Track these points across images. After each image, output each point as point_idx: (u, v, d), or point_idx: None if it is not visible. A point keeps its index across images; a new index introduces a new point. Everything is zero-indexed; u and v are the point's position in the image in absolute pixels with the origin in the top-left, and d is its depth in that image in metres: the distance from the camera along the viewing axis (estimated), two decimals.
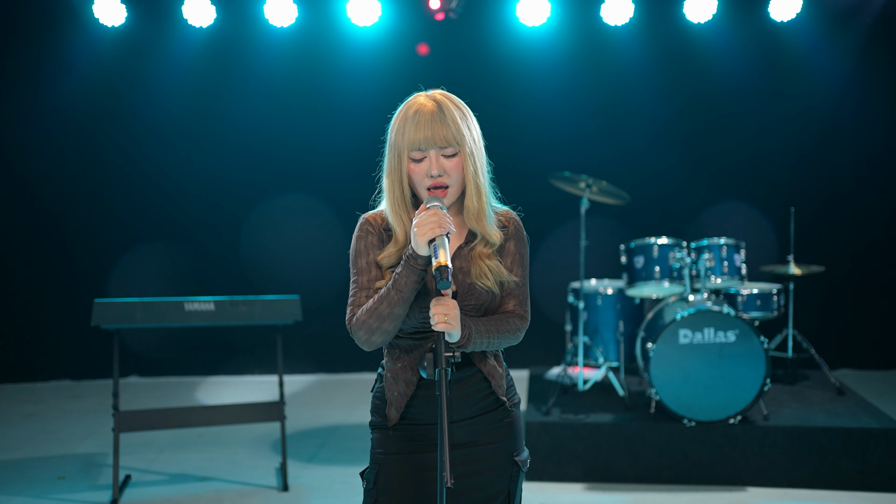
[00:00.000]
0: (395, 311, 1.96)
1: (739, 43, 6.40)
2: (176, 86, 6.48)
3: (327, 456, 4.81)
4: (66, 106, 6.46)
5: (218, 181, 6.61)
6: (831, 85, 6.44)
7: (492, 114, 2.09)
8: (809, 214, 6.05)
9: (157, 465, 4.67)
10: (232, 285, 6.31)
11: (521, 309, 2.14)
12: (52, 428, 5.41)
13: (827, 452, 4.29)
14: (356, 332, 2.01)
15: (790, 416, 4.51)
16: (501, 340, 2.07)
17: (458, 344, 1.97)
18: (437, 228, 1.88)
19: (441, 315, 1.89)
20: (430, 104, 2.01)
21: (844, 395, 4.98)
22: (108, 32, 6.26)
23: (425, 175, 1.99)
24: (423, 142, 1.98)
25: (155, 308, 4.12)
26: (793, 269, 5.19)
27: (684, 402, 4.39)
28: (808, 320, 5.94)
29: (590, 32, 6.39)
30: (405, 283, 1.94)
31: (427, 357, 1.96)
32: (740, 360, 4.36)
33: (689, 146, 6.54)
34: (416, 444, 2.08)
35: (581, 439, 4.43)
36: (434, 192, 2.00)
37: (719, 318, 4.37)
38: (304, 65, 6.50)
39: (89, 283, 6.51)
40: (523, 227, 2.18)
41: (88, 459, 4.76)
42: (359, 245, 2.08)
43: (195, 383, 6.62)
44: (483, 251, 2.08)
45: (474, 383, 2.09)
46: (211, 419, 4.37)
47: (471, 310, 2.05)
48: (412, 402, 2.07)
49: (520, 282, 2.14)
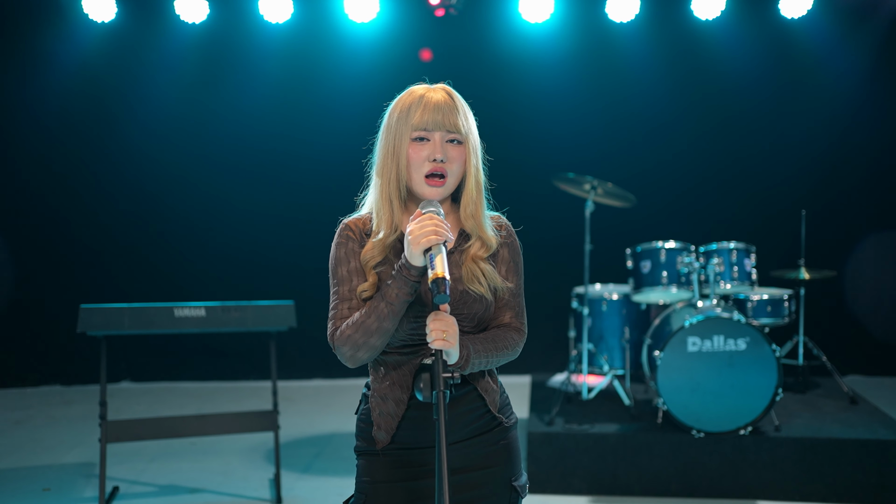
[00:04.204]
0: (384, 326, 1.82)
1: (749, 40, 6.33)
2: (168, 84, 6.41)
3: (323, 466, 4.73)
4: (52, 106, 6.38)
5: (212, 182, 6.53)
6: (844, 83, 6.35)
7: (493, 113, 2.00)
8: (821, 217, 5.97)
9: (147, 475, 4.58)
10: (228, 289, 6.24)
11: (518, 321, 2.01)
12: (40, 436, 5.33)
13: (841, 465, 4.21)
14: (340, 347, 1.87)
15: (802, 427, 4.43)
16: (500, 358, 1.94)
17: (457, 365, 1.83)
18: (434, 237, 1.74)
19: (439, 332, 1.74)
20: (439, 92, 1.93)
21: (857, 405, 4.92)
22: (98, 28, 6.20)
23: (426, 159, 1.87)
24: (432, 123, 1.88)
25: (143, 314, 4.05)
26: (804, 273, 5.11)
27: (693, 413, 4.31)
28: (817, 326, 5.86)
29: (594, 29, 6.32)
30: (396, 296, 1.79)
31: (423, 377, 1.81)
32: (751, 368, 4.29)
33: (697, 147, 6.47)
34: (406, 470, 1.94)
35: (586, 450, 4.35)
36: (431, 180, 1.88)
37: (729, 326, 4.31)
38: (300, 63, 6.42)
39: (80, 285, 6.45)
40: (515, 235, 2.06)
41: (76, 470, 4.67)
42: (338, 253, 1.93)
43: (189, 389, 6.54)
44: (477, 253, 1.94)
45: (468, 402, 1.94)
46: (202, 429, 4.30)
47: (464, 320, 1.91)
48: (402, 423, 1.92)
49: (515, 291, 2.01)
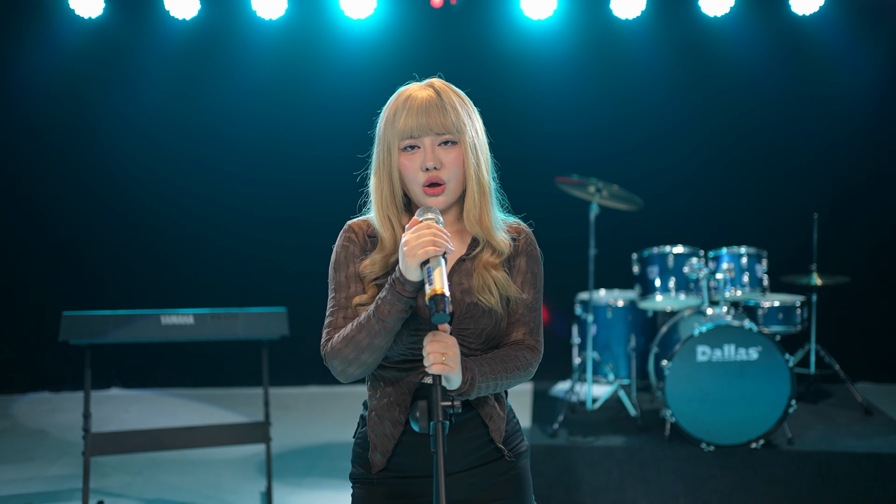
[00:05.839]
0: (375, 343, 1.64)
1: (759, 38, 6.18)
2: (157, 83, 6.27)
3: (316, 480, 4.60)
4: (36, 105, 6.23)
5: (202, 183, 6.38)
6: (859, 82, 6.19)
7: (494, 113, 1.84)
8: (834, 220, 5.85)
9: (134, 488, 4.43)
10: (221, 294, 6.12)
11: (533, 339, 1.83)
12: (24, 446, 5.18)
13: (857, 480, 4.08)
14: (331, 361, 1.70)
15: (816, 440, 4.31)
16: (510, 381, 1.76)
17: (459, 391, 1.64)
18: (432, 247, 1.55)
19: (437, 355, 1.56)
20: (425, 90, 1.73)
21: (872, 415, 4.78)
22: (85, 25, 6.06)
23: (419, 169, 1.69)
24: (417, 128, 1.68)
25: (129, 322, 3.94)
26: (816, 279, 4.96)
27: (702, 425, 4.18)
28: (827, 332, 5.72)
29: (599, 26, 6.18)
30: (389, 312, 1.61)
31: (419, 405, 1.63)
32: (763, 379, 4.16)
33: (705, 148, 6.32)
34: (403, 502, 1.77)
35: (590, 464, 4.22)
36: (430, 189, 1.69)
37: (740, 334, 4.18)
38: (295, 61, 6.29)
39: (68, 290, 6.33)
40: (536, 244, 1.86)
41: (59, 482, 4.52)
42: (339, 256, 1.77)
43: (181, 396, 6.39)
44: (489, 260, 1.76)
45: (471, 428, 1.77)
46: (191, 441, 4.19)
47: (470, 336, 1.73)
48: (398, 447, 1.75)
49: (531, 305, 1.83)
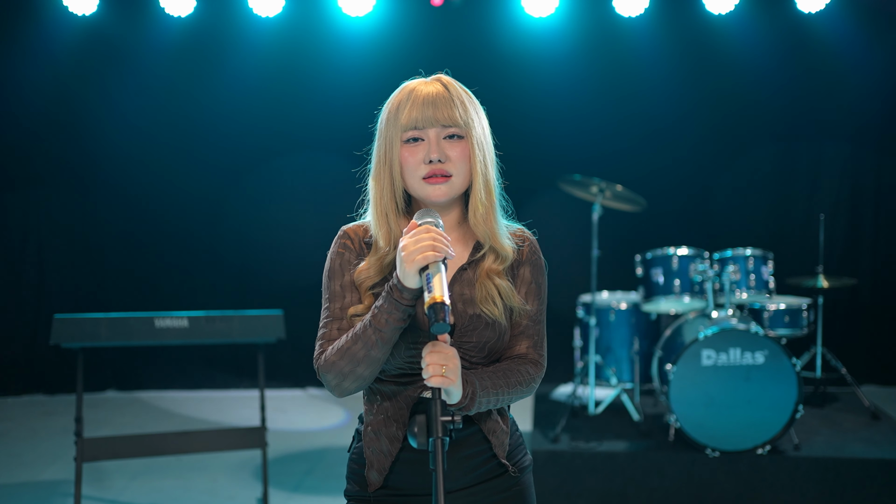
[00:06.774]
0: (372, 354, 1.56)
1: (764, 36, 6.12)
2: (152, 81, 6.21)
3: (314, 484, 4.52)
4: (29, 103, 6.16)
5: (198, 183, 6.32)
6: (865, 82, 6.12)
7: (494, 112, 1.79)
8: (840, 222, 5.81)
9: (127, 494, 4.36)
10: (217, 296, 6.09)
11: (536, 353, 1.76)
12: (17, 451, 5.10)
13: (865, 487, 4.03)
14: (325, 375, 1.61)
15: (823, 446, 4.25)
16: (511, 397, 1.67)
17: (459, 405, 1.56)
18: (431, 252, 1.47)
19: (437, 367, 1.48)
20: (432, 84, 1.66)
21: (880, 420, 4.72)
22: (79, 22, 5.99)
23: (421, 162, 1.61)
24: (422, 119, 1.60)
25: (122, 324, 3.90)
26: (822, 281, 4.89)
27: (707, 430, 4.12)
28: (833, 335, 5.68)
29: (601, 24, 6.12)
30: (386, 322, 1.53)
31: (417, 420, 1.54)
32: (769, 383, 4.10)
33: (709, 148, 6.26)
34: None
35: (593, 470, 4.16)
36: (433, 180, 1.61)
37: (746, 338, 4.11)
38: (292, 59, 6.22)
39: (63, 292, 6.28)
40: (541, 252, 1.78)
41: (52, 488, 4.44)
42: (333, 264, 1.69)
43: (177, 398, 6.32)
44: (492, 267, 1.68)
45: (472, 444, 1.69)
46: (186, 446, 4.14)
47: (471, 349, 1.65)
48: (396, 465, 1.67)
49: (535, 317, 1.75)
